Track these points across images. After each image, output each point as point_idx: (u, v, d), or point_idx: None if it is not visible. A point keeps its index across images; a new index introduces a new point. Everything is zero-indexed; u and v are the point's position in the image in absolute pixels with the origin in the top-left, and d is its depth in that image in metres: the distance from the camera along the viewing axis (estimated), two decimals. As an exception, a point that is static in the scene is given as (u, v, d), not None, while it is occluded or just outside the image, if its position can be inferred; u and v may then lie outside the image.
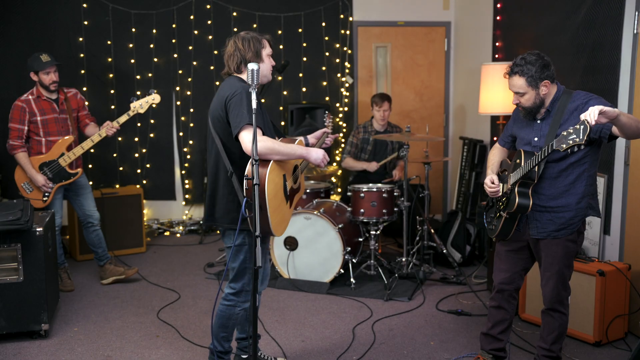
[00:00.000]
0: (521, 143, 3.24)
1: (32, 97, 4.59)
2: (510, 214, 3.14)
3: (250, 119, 2.85)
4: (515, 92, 3.10)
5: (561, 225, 3.09)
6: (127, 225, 5.72)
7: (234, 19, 6.45)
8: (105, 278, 4.91)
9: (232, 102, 2.96)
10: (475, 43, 6.26)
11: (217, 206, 3.10)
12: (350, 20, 6.64)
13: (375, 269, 4.95)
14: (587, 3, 4.27)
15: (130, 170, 6.50)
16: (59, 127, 4.65)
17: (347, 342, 3.84)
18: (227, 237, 3.18)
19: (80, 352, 3.72)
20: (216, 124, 3.05)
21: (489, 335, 3.41)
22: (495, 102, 5.16)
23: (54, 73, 4.58)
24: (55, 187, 4.63)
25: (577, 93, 3.08)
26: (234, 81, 3.07)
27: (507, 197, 3.17)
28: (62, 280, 4.75)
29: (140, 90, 6.40)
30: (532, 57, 3.04)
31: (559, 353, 3.24)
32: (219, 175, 3.08)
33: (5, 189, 5.94)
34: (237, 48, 3.09)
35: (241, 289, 3.16)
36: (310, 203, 5.15)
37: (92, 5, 6.22)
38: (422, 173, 5.27)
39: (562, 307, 3.17)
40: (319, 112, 6.35)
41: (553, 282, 3.13)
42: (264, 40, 3.14)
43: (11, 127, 4.55)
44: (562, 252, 3.11)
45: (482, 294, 4.63)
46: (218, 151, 3.05)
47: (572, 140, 2.68)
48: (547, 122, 3.10)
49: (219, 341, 3.23)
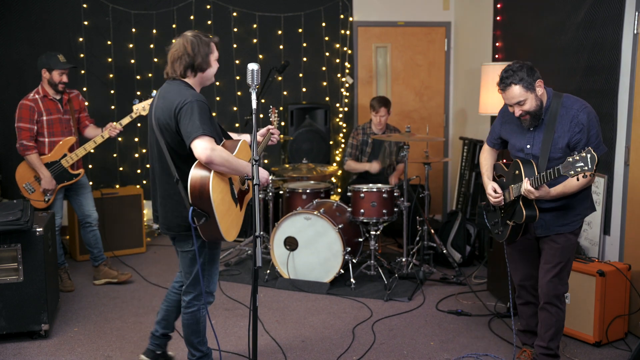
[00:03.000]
0: (513, 149, 3.29)
1: (38, 96, 4.57)
2: (517, 224, 3.22)
3: (205, 130, 2.80)
4: (515, 104, 3.10)
5: (565, 221, 3.17)
6: (127, 226, 5.72)
7: (234, 19, 6.45)
8: (98, 279, 4.91)
9: (182, 112, 2.85)
10: (475, 43, 6.26)
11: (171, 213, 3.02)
12: (350, 20, 6.64)
13: (375, 269, 4.95)
14: (587, 3, 4.27)
15: (130, 170, 6.50)
16: (62, 127, 4.64)
17: (347, 342, 3.84)
18: (183, 242, 3.08)
19: (80, 352, 3.72)
20: (164, 131, 2.94)
21: (527, 331, 3.51)
22: (495, 102, 5.16)
23: (65, 75, 4.59)
24: (57, 187, 4.62)
25: (566, 97, 3.11)
26: (180, 88, 2.96)
27: (510, 206, 3.23)
28: (62, 281, 4.75)
29: (140, 91, 6.40)
30: (516, 65, 3.10)
31: (557, 351, 3.27)
32: (168, 181, 2.99)
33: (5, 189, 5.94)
34: (185, 52, 2.97)
35: (200, 292, 3.12)
36: (310, 203, 5.15)
37: (92, 5, 6.22)
38: (422, 173, 5.27)
39: (559, 302, 3.21)
40: (319, 113, 6.36)
41: (552, 274, 3.19)
42: (212, 44, 3.06)
43: (22, 127, 4.50)
44: (565, 244, 3.18)
45: (482, 294, 4.63)
46: (164, 157, 2.96)
47: (580, 169, 2.74)
48: (540, 129, 3.13)
49: (195, 348, 3.21)
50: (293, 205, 5.20)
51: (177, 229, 3.04)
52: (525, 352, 3.50)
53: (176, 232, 3.05)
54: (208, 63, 3.04)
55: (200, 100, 2.89)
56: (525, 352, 3.51)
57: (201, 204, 2.84)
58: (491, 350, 3.72)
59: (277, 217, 5.59)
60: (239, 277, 5.08)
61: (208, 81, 3.11)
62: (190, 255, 3.08)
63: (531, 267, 3.39)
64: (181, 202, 2.97)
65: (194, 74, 3.03)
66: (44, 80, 4.57)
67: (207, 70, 3.05)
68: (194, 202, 2.85)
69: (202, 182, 2.82)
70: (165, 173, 3.00)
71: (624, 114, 3.94)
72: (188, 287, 3.14)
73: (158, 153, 3.01)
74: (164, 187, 3.04)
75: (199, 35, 3.03)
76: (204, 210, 2.85)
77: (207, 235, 2.94)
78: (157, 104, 3.00)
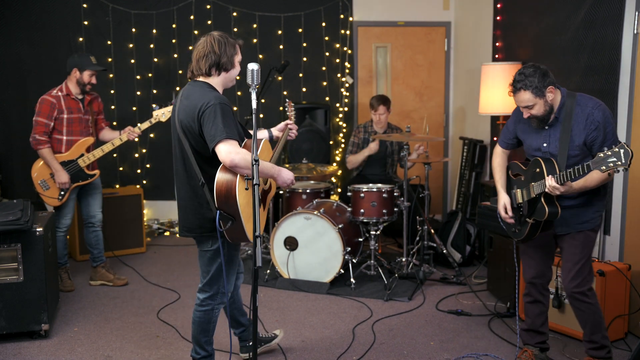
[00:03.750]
0: (530, 149, 3.32)
1: (61, 93, 4.57)
2: (537, 221, 3.22)
3: (229, 133, 2.80)
4: (524, 107, 3.15)
5: (584, 218, 3.19)
6: (127, 225, 5.72)
7: (234, 19, 6.45)
8: (95, 279, 4.91)
9: (205, 115, 2.84)
10: (475, 43, 6.26)
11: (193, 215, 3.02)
12: (350, 20, 6.64)
13: (375, 269, 4.95)
14: (587, 3, 4.26)
15: (130, 170, 6.50)
16: (81, 127, 4.64)
17: (347, 342, 3.84)
18: (203, 242, 3.08)
19: (80, 352, 3.72)
20: (187, 133, 2.93)
21: (531, 330, 3.51)
22: (495, 102, 5.16)
23: (95, 76, 4.60)
24: (72, 186, 4.62)
25: (581, 96, 3.14)
26: (203, 90, 2.95)
27: (531, 204, 3.24)
28: (62, 280, 4.75)
29: (140, 91, 6.41)
30: (530, 69, 3.11)
31: (602, 341, 3.28)
32: (191, 183, 2.99)
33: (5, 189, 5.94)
34: (212, 50, 2.96)
35: (217, 292, 3.14)
36: (310, 203, 5.15)
37: (92, 5, 6.23)
38: (422, 173, 5.27)
39: (585, 297, 3.22)
40: (319, 112, 6.35)
41: (573, 272, 3.21)
42: (237, 46, 3.08)
43: (38, 122, 4.50)
44: (584, 241, 3.21)
45: (482, 294, 4.63)
46: (188, 159, 2.95)
47: (613, 164, 2.74)
48: (556, 128, 3.17)
49: (200, 346, 3.21)
50: (293, 205, 5.20)
51: (199, 230, 3.03)
52: (527, 352, 3.50)
53: (198, 234, 3.04)
54: (232, 64, 3.05)
55: (223, 103, 2.88)
56: (526, 352, 3.50)
57: (227, 208, 2.84)
58: (491, 350, 3.73)
59: (277, 217, 5.59)
60: (239, 277, 5.08)
61: (230, 83, 3.13)
62: (208, 255, 3.08)
63: (544, 265, 3.40)
64: (203, 204, 2.96)
65: (218, 72, 3.02)
66: (72, 79, 4.58)
67: (231, 71, 3.06)
68: (220, 206, 2.84)
69: (228, 187, 2.82)
70: (188, 175, 2.99)
71: (624, 114, 3.94)
72: (204, 285, 3.15)
73: (181, 154, 2.99)
74: (185, 188, 3.02)
75: (225, 36, 3.05)
76: (230, 213, 2.84)
77: (232, 237, 2.95)
78: (180, 105, 2.99)
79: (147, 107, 6.46)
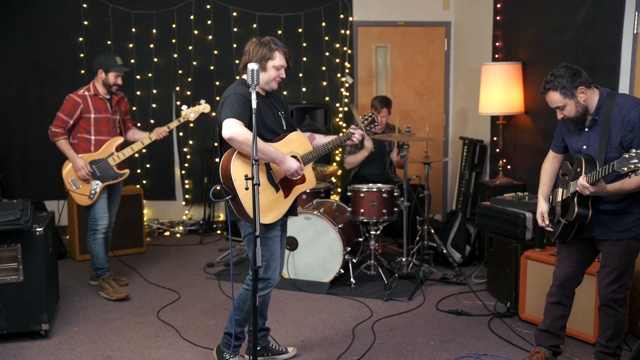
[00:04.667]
0: (573, 151, 3.26)
1: (88, 93, 4.57)
2: (569, 222, 3.17)
3: (232, 114, 2.99)
4: (556, 108, 3.12)
5: (625, 226, 3.10)
6: (127, 225, 5.71)
7: (234, 19, 6.45)
8: (93, 280, 4.91)
9: (221, 106, 3.11)
10: (475, 43, 6.26)
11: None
12: (350, 20, 6.64)
13: (375, 269, 4.95)
14: (587, 3, 4.27)
15: (131, 170, 6.47)
16: (109, 127, 4.65)
17: (347, 342, 3.84)
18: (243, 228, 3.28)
19: (80, 352, 3.72)
20: (218, 124, 3.16)
21: (547, 331, 3.41)
22: (495, 102, 5.16)
23: (120, 77, 4.61)
24: (102, 185, 4.62)
25: (620, 96, 3.07)
26: (233, 85, 3.18)
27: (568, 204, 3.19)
28: (113, 289, 4.59)
29: (140, 91, 6.41)
30: (561, 70, 3.07)
31: (616, 350, 3.24)
32: None
33: (5, 189, 5.94)
34: (248, 51, 3.18)
35: (262, 277, 3.24)
36: (310, 203, 5.15)
37: (92, 5, 6.23)
38: (422, 173, 5.27)
39: (617, 306, 3.17)
40: (319, 112, 6.35)
41: (610, 279, 3.15)
42: (277, 52, 3.16)
43: (58, 117, 4.51)
44: (624, 250, 3.12)
45: (482, 294, 4.63)
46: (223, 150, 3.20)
47: (634, 165, 2.65)
48: (596, 129, 3.10)
49: (231, 323, 3.34)
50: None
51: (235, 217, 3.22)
52: (539, 353, 3.40)
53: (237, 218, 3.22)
54: (263, 67, 3.15)
55: (237, 93, 3.07)
56: (538, 352, 3.41)
57: (227, 183, 3.09)
58: (491, 350, 3.72)
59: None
60: (239, 277, 5.08)
61: (265, 85, 3.23)
62: (247, 239, 3.28)
63: (577, 269, 3.31)
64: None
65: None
66: (98, 80, 4.59)
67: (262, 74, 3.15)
68: (223, 182, 3.11)
69: (226, 163, 3.08)
70: None
71: (624, 114, 3.94)
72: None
73: (220, 145, 3.25)
74: None
75: (267, 40, 3.18)
76: (230, 188, 3.06)
77: (240, 214, 3.14)
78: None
79: (147, 107, 6.47)
